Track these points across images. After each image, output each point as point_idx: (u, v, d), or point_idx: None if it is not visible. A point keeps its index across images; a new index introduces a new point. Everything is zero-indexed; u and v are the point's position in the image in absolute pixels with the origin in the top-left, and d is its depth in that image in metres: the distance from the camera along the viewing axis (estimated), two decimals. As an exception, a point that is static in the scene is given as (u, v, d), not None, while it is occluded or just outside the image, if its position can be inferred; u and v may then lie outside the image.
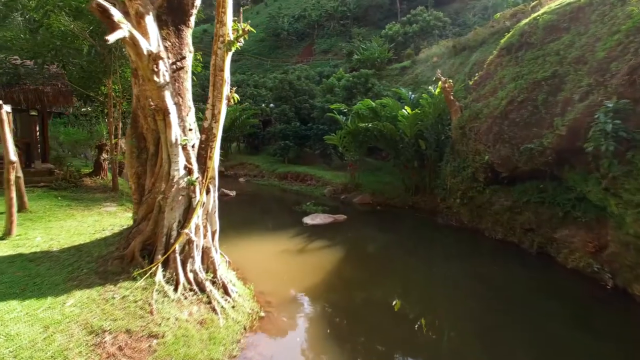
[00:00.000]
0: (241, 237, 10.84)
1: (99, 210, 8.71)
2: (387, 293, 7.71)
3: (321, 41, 67.13)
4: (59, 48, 9.50)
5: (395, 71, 28.60)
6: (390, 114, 15.49)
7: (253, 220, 13.33)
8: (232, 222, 13.09)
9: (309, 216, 12.66)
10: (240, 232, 11.56)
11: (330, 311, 6.79)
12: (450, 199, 12.68)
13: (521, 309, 6.74)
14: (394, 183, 17.12)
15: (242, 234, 11.24)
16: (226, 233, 11.76)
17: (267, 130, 26.88)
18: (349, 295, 7.49)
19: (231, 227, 12.26)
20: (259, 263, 8.81)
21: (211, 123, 6.13)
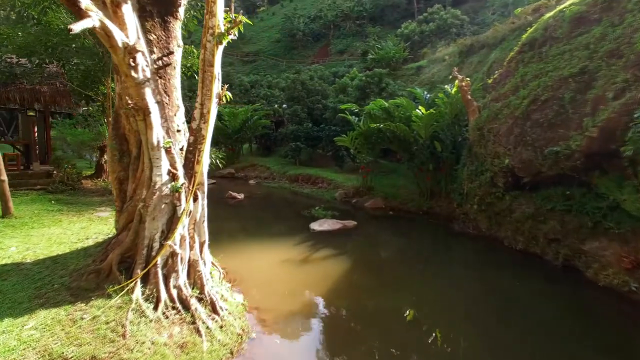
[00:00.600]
0: (243, 244, 10.30)
1: (90, 216, 8.30)
2: (397, 309, 7.03)
3: (337, 42, 66.61)
4: (54, 46, 9.14)
5: (411, 71, 27.78)
6: (404, 115, 14.77)
7: (258, 226, 12.79)
8: (236, 227, 12.65)
9: (316, 222, 12.04)
10: (243, 238, 11.03)
11: (331, 331, 6.16)
12: (467, 205, 11.89)
13: (545, 328, 5.98)
14: (408, 187, 16.38)
15: (244, 241, 10.71)
16: (228, 239, 11.35)
17: (279, 132, 26.37)
18: (353, 312, 6.85)
19: (234, 233, 11.79)
20: (258, 274, 8.24)
21: (200, 123, 5.58)
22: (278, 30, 77.00)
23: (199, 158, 5.58)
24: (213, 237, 11.50)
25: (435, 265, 9.44)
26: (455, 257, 10.26)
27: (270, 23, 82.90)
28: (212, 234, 11.77)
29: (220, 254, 9.32)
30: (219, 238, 11.11)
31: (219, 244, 10.48)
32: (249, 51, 74.10)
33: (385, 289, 7.81)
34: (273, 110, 28.62)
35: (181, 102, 6.05)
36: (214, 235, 11.72)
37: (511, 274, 8.64)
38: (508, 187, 10.26)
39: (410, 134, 14.21)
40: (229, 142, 25.72)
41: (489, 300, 7.30)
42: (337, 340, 5.96)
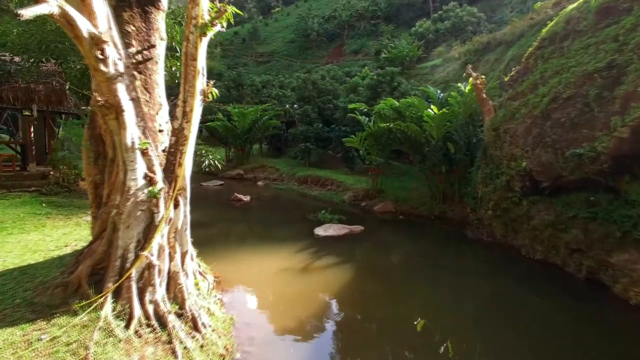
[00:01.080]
0: (241, 250, 9.83)
1: (78, 220, 7.93)
2: (405, 323, 6.43)
3: (351, 42, 66.09)
4: (48, 43, 8.82)
5: (424, 70, 27.04)
6: (416, 114, 14.12)
7: (260, 230, 12.30)
8: (237, 231, 12.19)
9: (321, 227, 11.49)
10: (243, 243, 10.56)
11: (328, 351, 5.61)
12: (481, 210, 11.18)
13: (568, 351, 5.33)
14: (419, 190, 15.70)
15: (243, 246, 10.24)
16: (226, 244, 10.85)
17: (289, 132, 25.90)
18: (354, 327, 6.28)
19: (234, 237, 11.33)
20: (253, 283, 7.75)
21: (182, 123, 5.10)
22: (292, 30, 76.98)
23: (180, 160, 5.10)
24: (211, 241, 11.14)
25: (447, 275, 8.79)
26: (468, 266, 9.57)
27: (284, 24, 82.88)
28: (211, 237, 11.43)
29: (215, 261, 8.86)
30: (217, 242, 10.70)
31: (216, 249, 10.04)
32: (263, 52, 74.10)
33: (392, 301, 7.22)
34: (284, 110, 28.19)
35: (165, 99, 5.59)
36: (212, 239, 11.40)
37: (529, 286, 7.95)
38: (525, 192, 9.54)
39: (421, 135, 13.56)
40: (238, 143, 25.37)
41: (504, 314, 6.65)
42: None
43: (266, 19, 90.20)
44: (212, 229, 11.91)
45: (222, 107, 26.56)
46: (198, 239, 11.10)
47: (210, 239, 10.82)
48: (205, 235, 11.23)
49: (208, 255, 9.15)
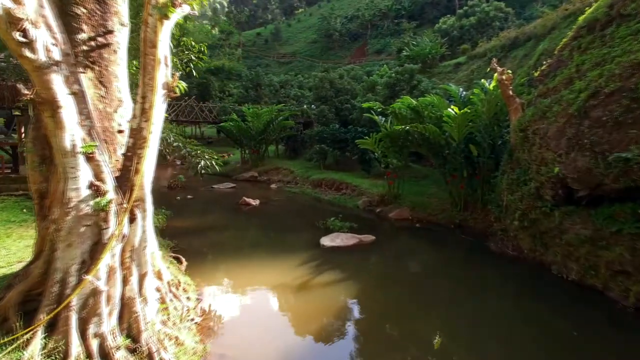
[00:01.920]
0: (236, 262, 9.03)
1: (53, 229, 7.34)
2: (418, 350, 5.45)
3: (374, 41, 65.07)
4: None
5: (448, 68, 25.73)
6: (435, 114, 13.03)
7: (262, 239, 11.46)
8: (236, 239, 11.36)
9: (328, 236, 10.56)
10: (239, 253, 9.76)
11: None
12: (506, 220, 10.02)
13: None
14: (439, 195, 14.56)
15: (238, 258, 9.43)
16: (221, 254, 9.83)
17: (304, 133, 25.09)
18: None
19: (231, 246, 10.51)
20: (241, 302, 6.92)
21: (140, 122, 4.31)
22: (314, 31, 76.68)
23: (138, 166, 4.31)
24: (205, 250, 10.28)
25: (467, 293, 7.72)
26: (491, 284, 8.43)
27: (307, 24, 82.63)
28: (206, 246, 10.57)
29: (205, 274, 8.11)
30: (212, 252, 9.92)
31: (209, 260, 9.26)
32: (285, 52, 73.91)
33: (400, 326, 6.24)
34: (301, 110, 27.42)
35: (127, 95, 4.81)
36: (207, 247, 10.50)
37: (562, 311, 6.80)
38: (558, 201, 8.35)
39: (441, 136, 12.45)
40: (252, 144, 24.73)
41: (533, 342, 5.60)
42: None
43: (289, 19, 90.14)
44: (211, 236, 11.20)
45: (237, 107, 26.00)
46: (191, 247, 10.43)
47: (205, 248, 10.10)
48: (200, 243, 10.53)
49: (198, 268, 8.42)
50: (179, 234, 11.19)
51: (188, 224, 12.33)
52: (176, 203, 16.20)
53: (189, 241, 10.64)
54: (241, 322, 6.28)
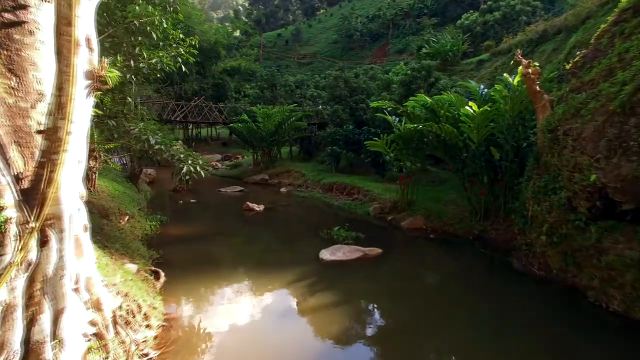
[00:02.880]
0: (220, 278, 8.10)
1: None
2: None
3: (395, 41, 63.80)
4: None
5: (470, 66, 24.30)
6: (452, 114, 11.82)
7: (256, 250, 10.45)
8: (230, 250, 10.34)
9: (328, 249, 9.50)
10: (226, 268, 8.82)
11: None
12: (531, 233, 8.75)
13: None
14: (457, 203, 13.30)
15: (228, 272, 8.50)
16: (206, 268, 8.60)
17: (316, 135, 24.09)
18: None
19: (219, 260, 9.54)
20: (211, 331, 5.96)
21: (56, 120, 3.40)
22: (335, 31, 76.09)
23: (52, 175, 3.39)
24: (190, 262, 9.14)
25: (486, 320, 6.56)
26: (515, 310, 7.19)
27: (327, 25, 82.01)
28: (193, 257, 9.46)
29: (186, 291, 7.21)
30: (200, 264, 8.92)
31: (194, 273, 8.31)
32: (306, 53, 73.33)
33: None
34: (316, 111, 26.43)
35: (49, 86, 3.90)
36: (193, 259, 9.31)
37: (603, 348, 5.56)
38: (595, 215, 7.07)
39: (458, 138, 11.23)
40: (263, 146, 23.88)
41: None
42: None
43: (310, 20, 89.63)
44: (203, 246, 10.32)
45: (248, 108, 25.24)
46: (179, 258, 9.38)
47: (194, 259, 9.21)
48: (191, 253, 9.67)
49: (179, 283, 7.55)
50: (170, 242, 10.40)
51: (183, 231, 11.52)
52: (177, 207, 15.48)
53: (178, 251, 9.83)
54: (212, 355, 5.32)
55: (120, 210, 10.60)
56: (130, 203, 11.70)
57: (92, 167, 10.80)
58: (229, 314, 6.60)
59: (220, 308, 6.86)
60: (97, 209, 9.51)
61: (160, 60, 9.14)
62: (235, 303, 7.00)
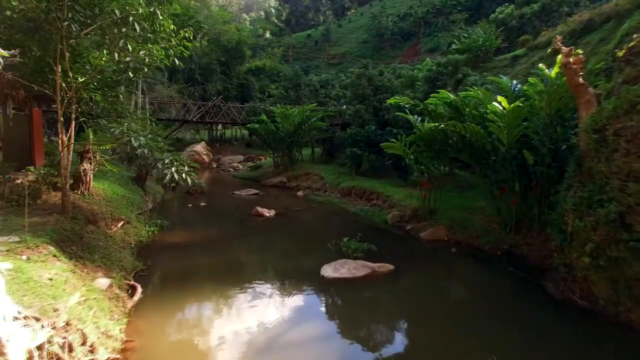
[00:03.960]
0: (206, 296, 7.18)
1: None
2: None
3: (427, 39, 62.05)
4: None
5: (503, 62, 22.54)
6: (480, 112, 10.47)
7: (255, 263, 9.48)
8: (225, 262, 9.30)
9: (332, 264, 8.40)
10: (217, 283, 7.89)
11: None
12: (571, 252, 7.34)
13: None
14: (485, 211, 11.91)
15: (214, 288, 7.58)
16: (197, 282, 7.86)
17: (337, 136, 23.00)
18: None
19: (214, 273, 8.61)
20: None
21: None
22: (365, 30, 75.22)
23: None
24: (180, 274, 8.14)
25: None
26: (551, 347, 5.87)
27: (358, 24, 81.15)
28: (185, 269, 8.43)
29: (161, 310, 6.34)
30: (186, 278, 8.01)
31: (177, 288, 7.42)
32: (335, 53, 72.51)
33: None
34: (339, 111, 25.36)
35: None
36: (183, 271, 8.30)
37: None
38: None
39: (485, 139, 9.88)
40: (282, 147, 23.04)
41: None
42: None
43: (340, 20, 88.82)
44: (196, 255, 9.50)
45: (268, 108, 24.48)
46: (166, 270, 8.38)
47: (182, 272, 8.38)
48: (181, 264, 8.86)
49: (154, 301, 6.71)
50: (163, 250, 9.66)
51: (181, 238, 10.75)
52: (184, 211, 14.84)
53: (169, 260, 9.05)
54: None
55: (114, 215, 9.94)
56: (127, 207, 11.06)
57: (86, 170, 10.20)
58: (201, 342, 5.67)
59: (193, 333, 5.94)
60: (85, 214, 8.85)
61: (150, 54, 8.35)
62: (210, 327, 6.07)
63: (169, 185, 7.43)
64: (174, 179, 7.25)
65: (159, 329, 5.99)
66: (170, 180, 7.24)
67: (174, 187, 7.64)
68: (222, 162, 31.18)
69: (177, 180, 7.30)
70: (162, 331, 5.98)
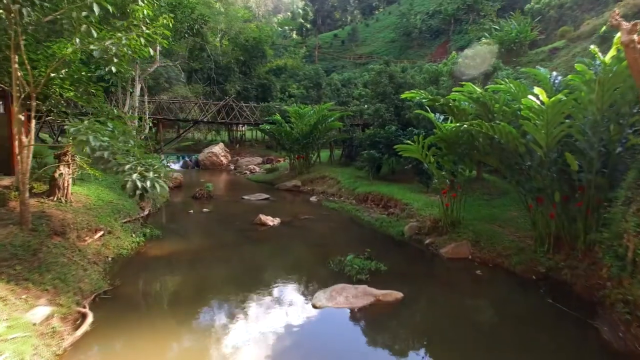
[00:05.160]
0: (168, 328, 5.90)
1: None
2: None
3: (457, 37, 59.58)
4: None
5: (540, 55, 20.47)
6: (512, 108, 8.82)
7: (237, 284, 8.01)
8: (205, 283, 7.90)
9: (327, 290, 6.98)
10: (185, 311, 6.60)
11: None
12: (633, 284, 5.67)
13: None
14: (517, 224, 10.25)
15: (177, 320, 6.31)
16: (161, 310, 6.53)
17: (354, 137, 21.52)
18: None
19: (186, 297, 7.30)
20: None
21: None
22: (393, 29, 73.64)
23: None
24: (147, 298, 6.81)
25: None
26: None
27: (385, 23, 79.65)
28: (156, 291, 7.10)
29: (106, 350, 5.12)
30: (150, 303, 6.81)
31: (135, 318, 6.14)
32: (362, 53, 71.08)
33: None
34: (360, 110, 23.88)
35: None
36: (152, 294, 7.04)
37: None
38: None
39: (519, 140, 8.22)
40: (296, 148, 21.77)
41: None
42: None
43: (367, 19, 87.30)
44: (175, 273, 8.34)
45: (282, 108, 23.29)
46: (133, 290, 7.13)
47: (146, 294, 7.21)
48: (152, 284, 7.77)
49: (103, 334, 5.51)
50: (142, 265, 8.55)
51: (166, 251, 9.62)
52: (183, 219, 13.77)
53: (144, 278, 7.92)
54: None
55: (91, 225, 8.90)
56: (112, 215, 10.03)
57: (63, 174, 9.23)
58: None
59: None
60: (52, 225, 7.82)
61: (119, 43, 7.20)
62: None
63: (131, 195, 6.24)
64: (136, 188, 6.04)
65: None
66: (131, 190, 6.04)
67: (141, 195, 6.43)
68: (239, 164, 30.30)
69: (142, 190, 6.09)
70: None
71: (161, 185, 6.29)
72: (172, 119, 23.36)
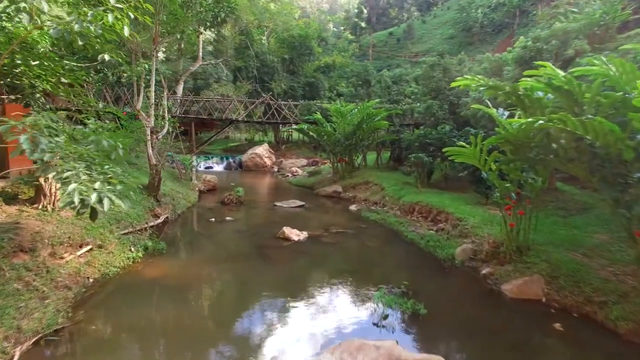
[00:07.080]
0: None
1: None
2: None
3: (523, 31, 54.48)
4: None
5: (634, 39, 16.88)
6: (611, 98, 6.31)
7: (226, 326, 6.19)
8: (187, 319, 5.99)
9: (337, 349, 5.02)
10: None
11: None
12: None
13: None
14: (610, 252, 7.66)
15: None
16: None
17: (401, 138, 19.20)
18: None
19: (156, 343, 5.58)
20: None
21: None
22: (451, 25, 69.91)
23: None
24: (104, 341, 4.55)
25: None
26: None
27: (443, 19, 75.99)
28: (120, 328, 4.49)
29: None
30: (111, 349, 5.31)
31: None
32: (418, 51, 67.95)
33: None
34: (411, 108, 21.57)
35: None
36: (112, 334, 4.76)
37: None
38: None
39: (623, 142, 5.75)
40: (338, 150, 19.87)
41: None
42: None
43: (424, 16, 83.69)
44: (158, 303, 6.75)
45: (324, 106, 21.51)
46: (96, 328, 4.86)
47: (104, 336, 5.56)
48: (125, 317, 6.10)
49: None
50: (125, 290, 7.13)
51: (163, 271, 8.14)
52: (200, 228, 12.39)
53: (116, 310, 6.42)
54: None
55: (74, 238, 7.62)
56: (106, 226, 8.76)
57: (49, 179, 8.08)
58: None
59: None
60: (19, 240, 6.58)
61: (81, 21, 5.70)
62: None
63: (70, 207, 4.68)
64: (71, 202, 4.49)
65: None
66: (68, 204, 4.50)
67: (93, 213, 4.87)
68: (283, 166, 29.06)
69: (80, 204, 4.53)
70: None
71: (112, 200, 4.70)
72: (203, 118, 22.34)
